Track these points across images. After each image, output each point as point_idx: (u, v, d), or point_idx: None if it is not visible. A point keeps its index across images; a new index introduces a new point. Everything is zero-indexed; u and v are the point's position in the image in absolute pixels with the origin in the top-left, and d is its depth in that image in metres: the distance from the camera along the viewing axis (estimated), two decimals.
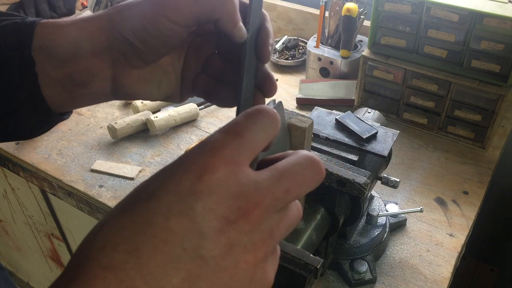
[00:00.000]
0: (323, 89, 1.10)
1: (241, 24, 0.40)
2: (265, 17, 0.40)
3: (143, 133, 1.04)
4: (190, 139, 1.03)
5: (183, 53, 0.45)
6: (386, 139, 0.69)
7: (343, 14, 1.07)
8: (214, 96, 0.46)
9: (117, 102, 1.14)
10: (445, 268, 0.76)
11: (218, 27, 0.40)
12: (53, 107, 0.44)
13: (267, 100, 0.47)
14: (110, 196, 0.90)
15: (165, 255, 0.25)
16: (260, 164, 0.30)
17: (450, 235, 0.81)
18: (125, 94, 0.44)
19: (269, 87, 0.41)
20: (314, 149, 0.67)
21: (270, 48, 0.39)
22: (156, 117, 1.02)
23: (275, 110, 0.29)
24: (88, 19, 0.41)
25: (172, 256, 0.25)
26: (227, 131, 0.27)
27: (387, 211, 0.80)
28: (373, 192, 0.81)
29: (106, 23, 0.41)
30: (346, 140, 0.68)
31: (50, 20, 0.42)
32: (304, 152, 0.29)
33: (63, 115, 0.46)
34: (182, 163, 0.27)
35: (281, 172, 0.28)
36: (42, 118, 0.44)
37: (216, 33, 0.44)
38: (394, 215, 0.81)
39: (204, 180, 0.26)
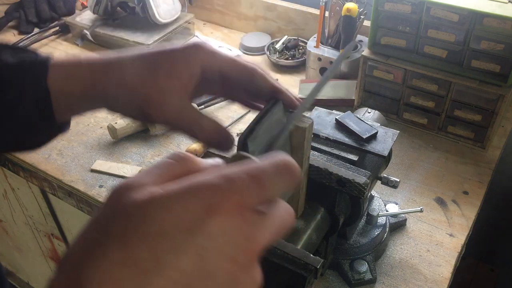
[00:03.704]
0: (323, 89, 1.10)
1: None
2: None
3: (143, 133, 1.04)
4: (190, 139, 1.03)
5: None
6: (386, 139, 0.69)
7: (343, 14, 1.07)
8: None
9: None
10: (445, 268, 0.76)
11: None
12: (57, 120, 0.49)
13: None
14: None
15: None
16: None
17: (450, 235, 0.81)
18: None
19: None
20: (314, 149, 0.67)
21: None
22: None
23: (300, 169, 0.29)
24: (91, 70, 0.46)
25: None
26: (253, 176, 0.27)
27: (387, 211, 0.80)
28: (373, 192, 0.81)
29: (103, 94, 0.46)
30: (346, 140, 0.68)
31: (60, 60, 0.47)
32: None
33: (63, 129, 0.51)
34: (198, 195, 0.26)
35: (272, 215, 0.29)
36: (49, 132, 0.50)
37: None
38: (394, 215, 0.81)
39: (219, 221, 0.25)
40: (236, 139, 0.44)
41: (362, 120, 0.70)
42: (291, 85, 1.19)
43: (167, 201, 0.25)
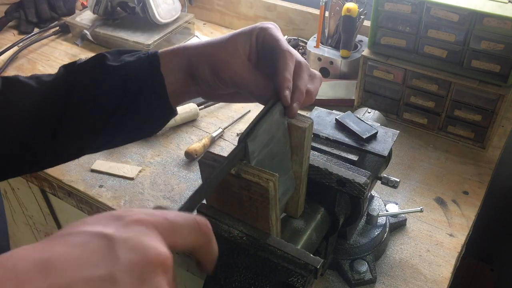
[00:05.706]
0: (323, 89, 1.10)
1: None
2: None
3: None
4: (190, 139, 1.03)
5: None
6: (386, 139, 0.69)
7: (343, 14, 1.07)
8: None
9: None
10: (445, 268, 0.76)
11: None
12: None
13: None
14: (110, 196, 0.90)
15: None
16: None
17: (450, 235, 0.81)
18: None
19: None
20: (314, 149, 0.67)
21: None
22: None
23: (210, 230, 0.35)
24: (177, 53, 0.60)
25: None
26: (165, 216, 0.33)
27: (387, 211, 0.80)
28: (373, 192, 0.81)
29: (189, 65, 0.59)
30: (346, 140, 0.68)
31: (164, 51, 0.60)
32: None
33: (175, 112, 0.63)
34: (101, 217, 0.32)
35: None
36: (164, 114, 0.62)
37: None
38: (394, 215, 0.81)
39: (122, 227, 0.31)
40: (236, 139, 0.44)
41: (362, 120, 0.71)
42: None
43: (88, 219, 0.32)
